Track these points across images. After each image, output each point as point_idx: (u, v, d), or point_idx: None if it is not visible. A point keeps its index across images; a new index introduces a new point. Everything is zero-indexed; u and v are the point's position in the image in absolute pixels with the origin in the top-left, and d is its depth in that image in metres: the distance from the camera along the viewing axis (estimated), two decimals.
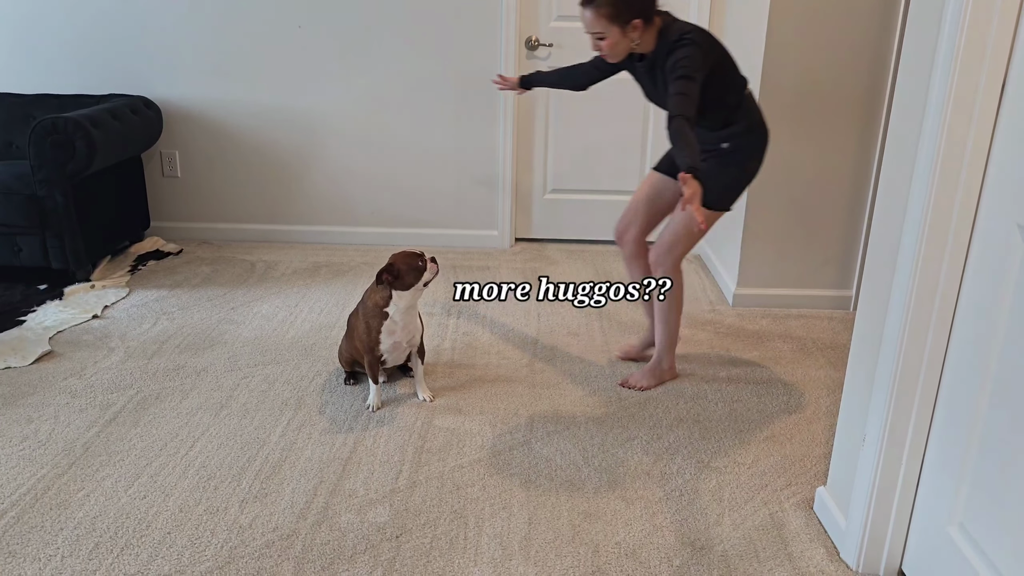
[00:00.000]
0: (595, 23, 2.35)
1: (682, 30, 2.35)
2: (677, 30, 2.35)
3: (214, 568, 1.89)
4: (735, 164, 2.54)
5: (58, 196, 3.40)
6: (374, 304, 2.53)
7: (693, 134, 2.17)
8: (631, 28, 2.34)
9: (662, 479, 2.24)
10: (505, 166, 4.06)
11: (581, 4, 2.36)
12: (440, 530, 2.03)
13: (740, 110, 2.50)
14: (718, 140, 2.52)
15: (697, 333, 3.17)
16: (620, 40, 2.38)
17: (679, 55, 2.29)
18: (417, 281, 2.49)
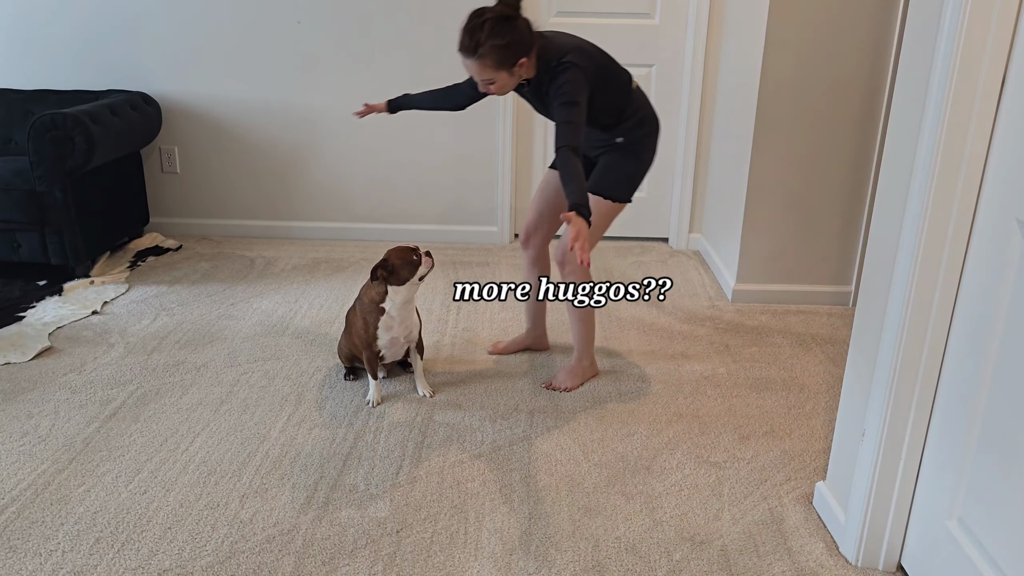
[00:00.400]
0: (482, 72, 2.34)
1: (560, 52, 2.35)
2: (556, 52, 2.35)
3: (215, 563, 1.90)
4: (632, 156, 2.57)
5: (57, 192, 3.40)
6: (370, 300, 2.54)
7: (580, 165, 2.22)
8: (518, 67, 2.34)
9: (661, 474, 2.24)
10: (504, 162, 4.06)
11: (462, 54, 2.32)
12: (440, 525, 2.03)
13: (629, 106, 2.53)
14: (612, 136, 2.56)
15: (696, 329, 3.18)
16: (508, 81, 2.37)
17: (561, 81, 2.30)
18: (412, 276, 2.49)
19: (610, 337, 3.10)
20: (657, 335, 3.11)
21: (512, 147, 4.03)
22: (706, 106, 3.92)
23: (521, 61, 2.32)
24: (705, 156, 4.00)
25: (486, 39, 2.26)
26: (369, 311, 2.54)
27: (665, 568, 1.89)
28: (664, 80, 3.96)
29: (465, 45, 2.29)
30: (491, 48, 2.26)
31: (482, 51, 2.27)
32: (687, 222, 4.10)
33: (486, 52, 2.27)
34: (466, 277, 3.71)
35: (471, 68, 2.34)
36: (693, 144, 3.97)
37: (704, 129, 3.96)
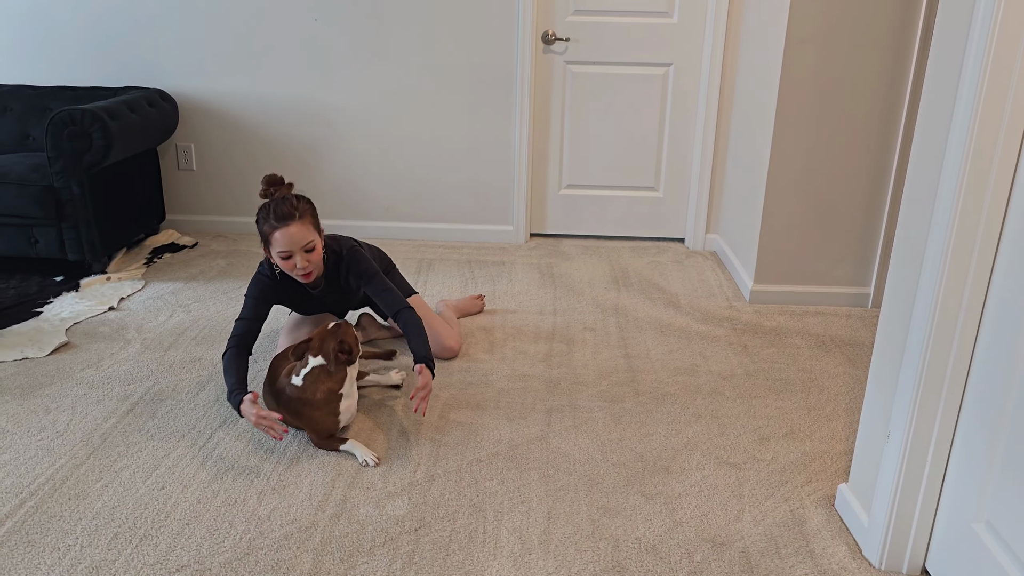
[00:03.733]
0: (306, 234, 2.43)
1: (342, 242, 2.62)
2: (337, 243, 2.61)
3: (233, 559, 1.89)
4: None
5: (74, 187, 3.40)
6: (327, 392, 2.25)
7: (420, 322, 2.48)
8: (321, 232, 2.51)
9: (681, 475, 2.23)
10: (520, 161, 4.04)
11: (280, 223, 2.39)
12: (459, 523, 2.02)
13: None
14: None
15: (714, 329, 3.16)
16: (319, 243, 2.48)
17: (361, 262, 2.58)
18: (359, 347, 2.34)
19: (628, 337, 3.08)
20: (675, 336, 3.10)
21: (528, 146, 4.02)
22: (724, 105, 3.90)
23: (320, 227, 2.51)
24: (722, 156, 3.98)
25: (300, 203, 2.44)
26: (326, 404, 2.26)
27: (686, 569, 1.87)
28: (682, 79, 3.94)
29: (285, 213, 2.40)
30: (305, 208, 2.44)
31: (300, 211, 2.42)
32: (704, 222, 4.08)
33: (304, 211, 2.43)
34: (481, 276, 3.70)
35: (296, 236, 2.40)
36: (711, 144, 3.94)
37: (722, 128, 3.93)
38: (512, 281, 3.64)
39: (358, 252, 2.60)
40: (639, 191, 4.14)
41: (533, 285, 3.60)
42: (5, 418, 2.48)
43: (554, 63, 3.96)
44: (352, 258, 2.58)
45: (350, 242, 2.64)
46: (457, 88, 3.97)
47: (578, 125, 4.04)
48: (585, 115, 4.02)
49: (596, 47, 3.93)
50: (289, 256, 2.42)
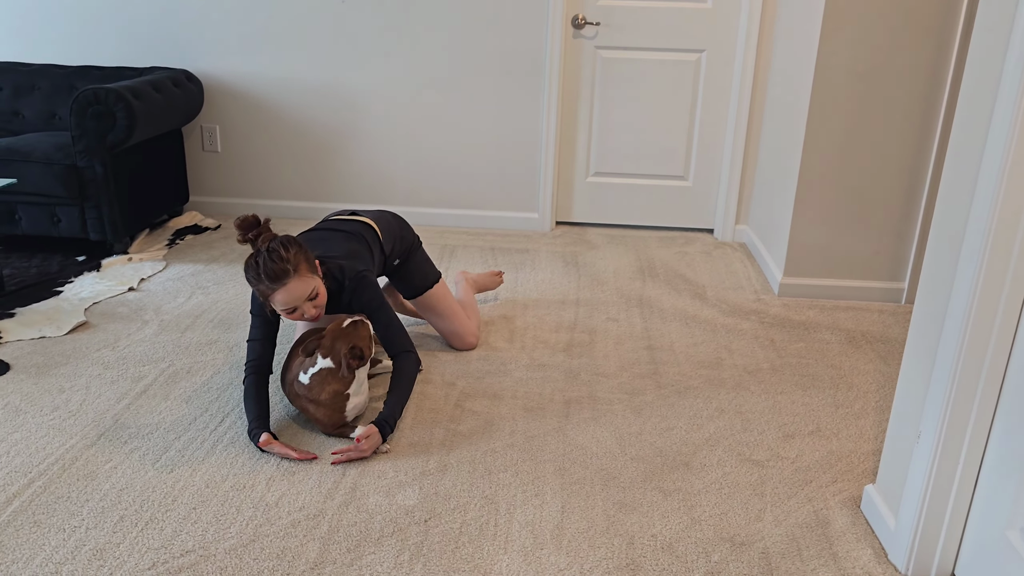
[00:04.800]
0: (305, 285, 2.19)
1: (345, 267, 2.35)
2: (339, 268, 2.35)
3: (238, 546, 1.85)
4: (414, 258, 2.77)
5: (97, 167, 3.39)
6: (333, 393, 2.20)
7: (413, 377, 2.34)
8: (317, 269, 2.27)
9: (701, 470, 2.15)
10: (547, 147, 3.97)
11: (277, 284, 2.15)
12: (470, 515, 1.97)
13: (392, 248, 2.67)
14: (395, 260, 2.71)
15: (741, 323, 3.07)
16: (321, 283, 2.26)
17: (365, 292, 2.35)
18: (373, 349, 2.25)
19: (651, 329, 3.00)
20: (700, 328, 3.01)
21: (556, 132, 3.95)
22: (757, 93, 3.80)
23: (315, 262, 2.27)
24: (754, 145, 3.87)
25: (287, 253, 2.17)
26: (333, 403, 2.22)
27: (703, 569, 1.80)
28: (715, 66, 3.84)
29: (278, 272, 2.15)
30: (296, 255, 2.18)
31: (293, 263, 2.17)
32: (734, 213, 3.98)
33: (298, 261, 2.18)
34: (505, 264, 3.64)
35: (296, 292, 2.17)
36: (742, 132, 3.84)
37: (754, 116, 3.83)
38: (535, 269, 3.58)
39: (364, 281, 2.34)
40: (668, 180, 4.05)
41: (557, 274, 3.53)
42: (19, 396, 2.47)
43: (584, 48, 3.88)
44: (358, 287, 2.34)
45: (358, 266, 2.36)
46: (485, 72, 3.91)
47: (607, 112, 3.95)
48: (614, 101, 3.94)
49: (627, 32, 3.84)
50: (294, 310, 2.21)
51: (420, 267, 2.75)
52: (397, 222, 2.72)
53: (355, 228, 2.55)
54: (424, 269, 2.76)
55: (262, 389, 2.29)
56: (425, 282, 2.75)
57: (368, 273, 2.37)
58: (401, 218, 2.77)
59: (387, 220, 2.68)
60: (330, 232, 2.52)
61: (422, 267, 2.76)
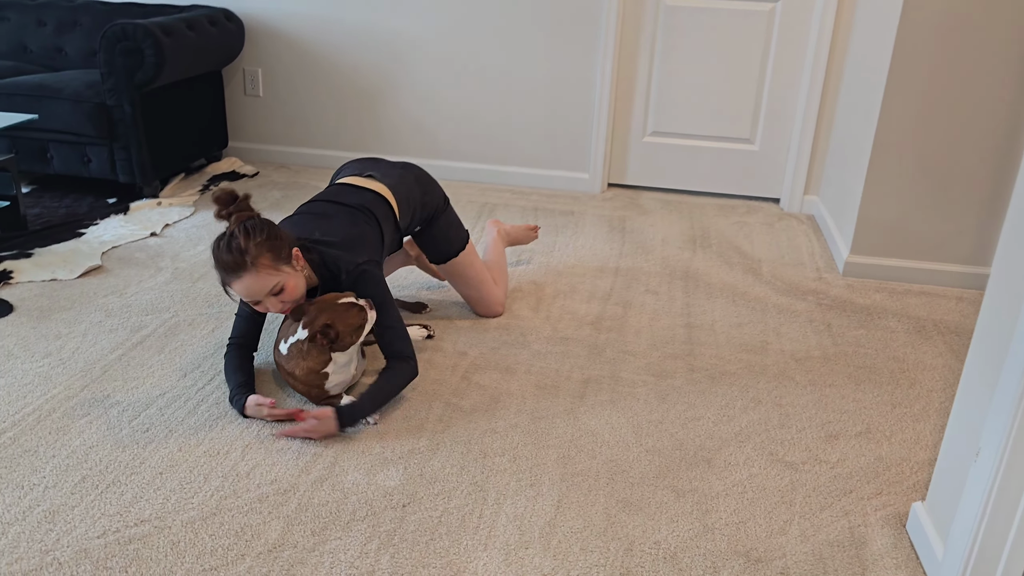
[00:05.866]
0: (267, 279, 1.94)
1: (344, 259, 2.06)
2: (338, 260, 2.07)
3: (197, 519, 1.70)
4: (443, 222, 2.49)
5: (126, 106, 3.27)
6: (307, 370, 2.01)
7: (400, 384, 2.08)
8: (295, 260, 2.00)
9: (724, 470, 1.90)
10: (602, 103, 3.68)
11: (230, 275, 1.94)
12: (454, 503, 1.76)
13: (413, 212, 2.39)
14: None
15: (795, 303, 2.76)
16: (294, 276, 1.99)
17: (369, 291, 2.06)
18: (358, 339, 2.01)
19: (693, 305, 2.73)
20: (748, 307, 2.72)
21: (612, 87, 3.65)
22: (836, 50, 3.42)
23: (294, 251, 2.00)
24: (830, 106, 3.50)
25: (248, 241, 1.92)
26: (307, 379, 2.03)
27: None
28: (791, 18, 3.47)
29: (232, 264, 1.92)
30: (259, 244, 1.92)
31: (252, 255, 1.91)
32: (803, 182, 3.63)
33: (258, 252, 1.92)
34: (545, 226, 3.39)
35: (253, 287, 1.94)
36: (818, 92, 3.47)
37: (832, 75, 3.45)
38: (577, 233, 3.32)
39: (364, 276, 2.06)
40: (732, 143, 3.72)
41: (599, 239, 3.27)
42: (14, 340, 2.37)
43: None
44: (357, 282, 2.06)
45: (357, 258, 2.07)
46: (537, 20, 3.63)
47: (668, 66, 3.64)
48: (677, 55, 3.61)
49: None
50: (256, 302, 2.00)
51: (444, 233, 2.47)
52: (420, 187, 2.39)
53: (364, 201, 2.22)
54: (449, 235, 2.47)
55: (246, 361, 2.13)
56: (450, 249, 2.48)
57: (368, 266, 2.07)
58: (426, 178, 2.45)
59: (407, 186, 2.35)
60: (333, 206, 2.20)
61: (446, 233, 2.47)
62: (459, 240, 2.49)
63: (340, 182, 2.32)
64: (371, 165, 2.41)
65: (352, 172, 2.38)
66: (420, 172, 2.45)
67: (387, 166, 2.41)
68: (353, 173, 2.37)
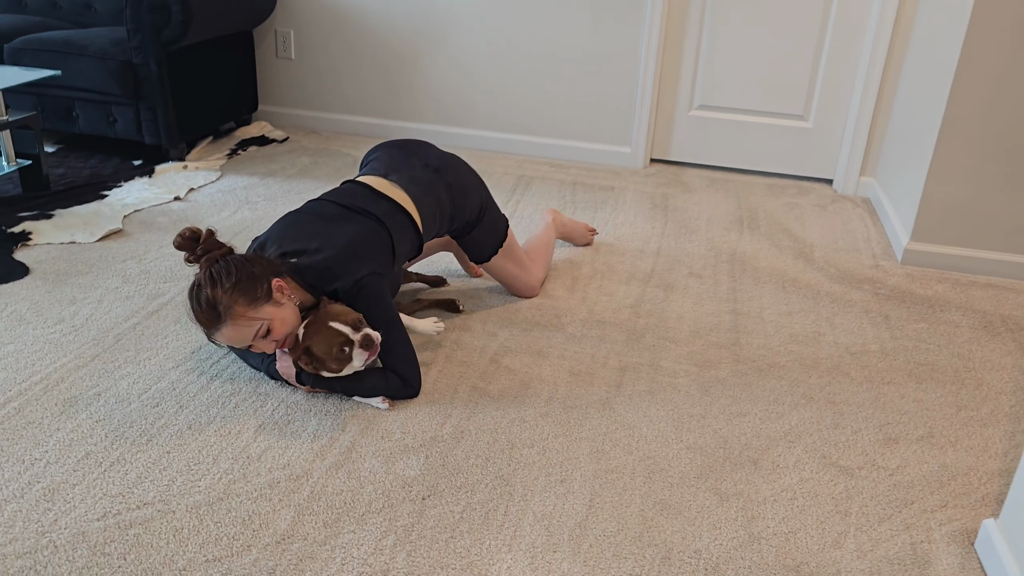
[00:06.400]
0: (248, 325, 1.77)
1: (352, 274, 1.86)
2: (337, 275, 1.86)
3: (203, 503, 1.59)
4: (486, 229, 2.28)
5: (152, 65, 3.16)
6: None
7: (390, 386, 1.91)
8: (278, 292, 1.80)
9: (772, 472, 1.74)
10: (646, 74, 3.50)
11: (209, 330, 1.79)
12: (477, 498, 1.63)
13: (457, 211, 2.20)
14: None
15: (850, 291, 2.58)
16: (280, 311, 1.80)
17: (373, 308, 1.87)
18: (342, 367, 1.81)
19: (740, 290, 2.56)
20: (799, 294, 2.55)
21: (657, 56, 3.46)
22: (902, 21, 3.19)
23: (276, 283, 1.81)
24: (891, 82, 3.28)
25: (215, 291, 1.75)
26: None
27: None
28: None
29: (205, 319, 1.77)
30: (230, 292, 1.75)
31: (224, 304, 1.75)
32: (859, 162, 3.42)
33: (230, 301, 1.75)
34: (584, 202, 3.23)
35: (235, 338, 1.80)
36: (879, 66, 3.25)
37: (896, 49, 3.23)
38: (617, 210, 3.16)
39: (363, 292, 1.86)
40: (784, 119, 3.51)
41: (641, 217, 3.10)
42: (28, 305, 2.28)
43: None
44: (356, 298, 1.86)
45: (356, 273, 1.85)
46: None
47: (719, 35, 3.43)
48: (728, 23, 3.41)
49: None
50: (250, 347, 1.85)
51: (477, 242, 2.26)
52: (451, 199, 2.14)
53: (378, 210, 1.98)
54: (482, 244, 2.27)
55: None
56: (481, 256, 2.30)
57: (368, 280, 1.86)
58: (464, 186, 2.17)
59: (436, 199, 2.10)
60: (340, 210, 1.97)
61: (479, 241, 2.26)
62: (493, 245, 2.29)
63: (359, 181, 2.10)
64: (401, 162, 2.15)
65: (377, 170, 2.14)
66: (457, 179, 2.17)
67: (419, 168, 2.13)
68: (377, 172, 2.13)
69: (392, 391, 1.90)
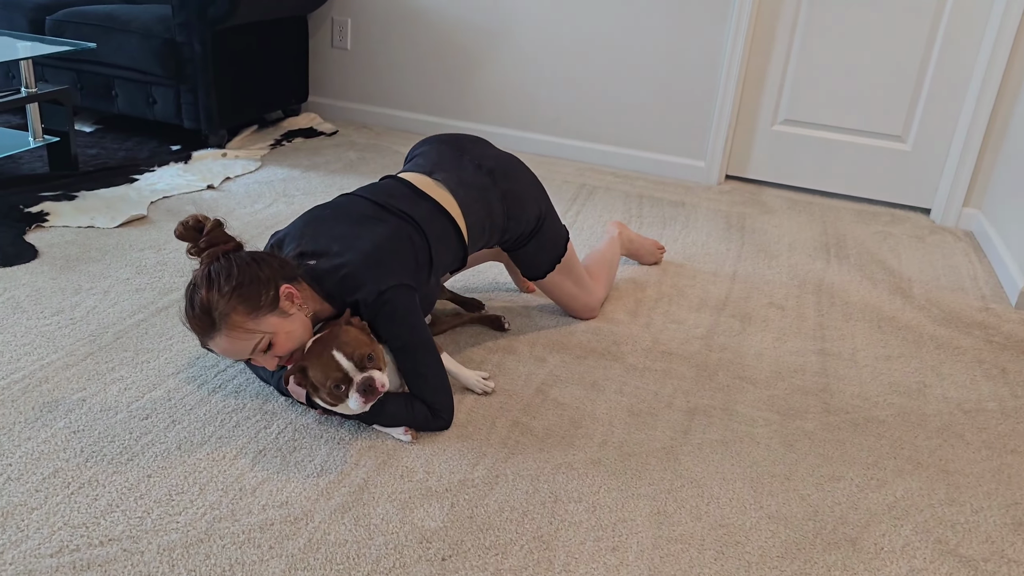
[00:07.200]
0: (245, 338, 1.51)
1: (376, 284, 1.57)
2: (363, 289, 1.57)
3: (178, 544, 1.32)
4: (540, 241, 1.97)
5: (196, 44, 2.95)
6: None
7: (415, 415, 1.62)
8: (285, 300, 1.53)
9: (876, 558, 1.41)
10: (727, 83, 3.17)
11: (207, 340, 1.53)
12: (508, 563, 1.33)
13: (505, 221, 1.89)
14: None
15: (958, 337, 2.22)
16: (286, 323, 1.54)
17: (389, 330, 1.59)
18: (338, 402, 1.52)
19: (829, 326, 2.22)
20: (898, 336, 2.20)
21: (741, 64, 3.14)
22: (1022, 37, 2.82)
23: (285, 289, 1.54)
24: (1008, 106, 2.90)
25: (211, 294, 1.49)
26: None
27: None
28: None
29: (198, 325, 1.51)
30: (228, 297, 1.49)
31: (220, 311, 1.49)
32: (963, 191, 3.04)
33: (227, 308, 1.49)
34: (651, 217, 2.92)
35: (229, 350, 1.53)
36: (993, 86, 2.88)
37: (1014, 67, 2.85)
38: (688, 228, 2.84)
39: (388, 308, 1.57)
40: (879, 139, 3.16)
41: (714, 237, 2.78)
42: (27, 291, 2.05)
43: None
44: (378, 315, 1.58)
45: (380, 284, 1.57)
46: None
47: (811, 43, 3.10)
48: (823, 31, 3.07)
49: None
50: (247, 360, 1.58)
51: (532, 256, 1.97)
52: (505, 208, 1.85)
53: (417, 214, 1.71)
54: (537, 259, 1.98)
55: None
56: (536, 272, 2.01)
57: (393, 294, 1.57)
58: (520, 193, 1.88)
59: (486, 206, 1.82)
60: (375, 208, 1.70)
61: (534, 256, 1.97)
62: (550, 261, 1.99)
63: (399, 177, 1.82)
64: (451, 160, 1.86)
65: (422, 166, 1.86)
66: (513, 186, 1.88)
67: (471, 170, 1.85)
68: (422, 169, 1.84)
69: (418, 422, 1.61)
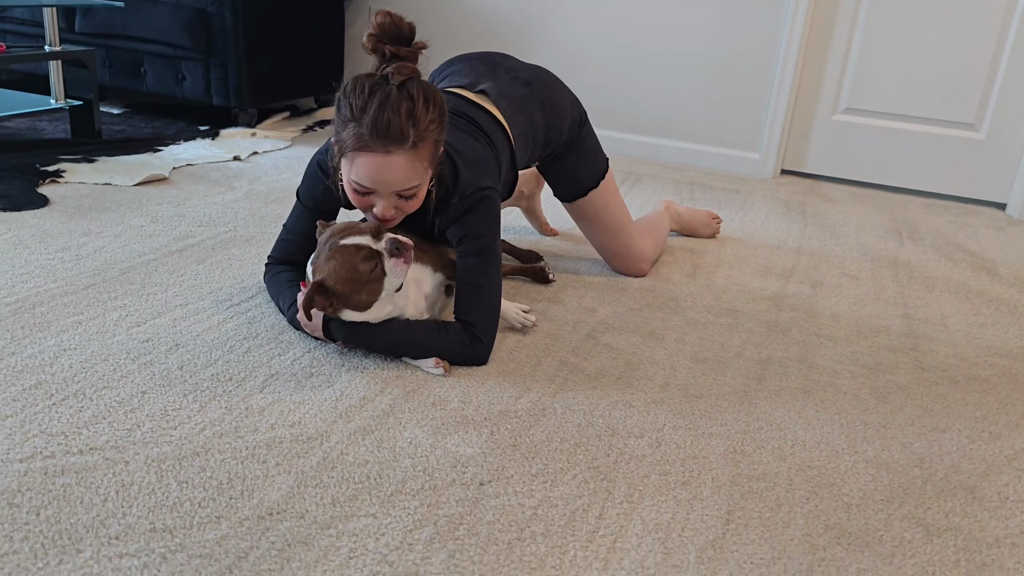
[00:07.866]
0: (411, 172, 1.35)
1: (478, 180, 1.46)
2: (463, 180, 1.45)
3: (169, 456, 1.11)
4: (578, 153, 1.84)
5: (228, 15, 2.84)
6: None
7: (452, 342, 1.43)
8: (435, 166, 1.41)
9: (1000, 506, 1.16)
10: (784, 71, 3.00)
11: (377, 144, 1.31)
12: (559, 491, 1.11)
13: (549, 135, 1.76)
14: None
15: None
16: (423, 192, 1.41)
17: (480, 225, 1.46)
18: (377, 294, 1.34)
19: (910, 295, 1.99)
20: (990, 306, 1.96)
21: (799, 52, 2.96)
22: None
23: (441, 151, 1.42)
24: None
25: (419, 112, 1.32)
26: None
27: None
28: None
29: (393, 131, 1.30)
30: (429, 127, 1.34)
31: (420, 131, 1.32)
32: None
33: (425, 133, 1.33)
34: (708, 200, 2.71)
35: (392, 173, 1.34)
36: None
37: None
38: (745, 209, 2.63)
39: (484, 203, 1.46)
40: (950, 128, 2.95)
41: (774, 217, 2.57)
42: (32, 231, 1.89)
43: None
44: (471, 209, 1.45)
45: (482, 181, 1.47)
46: None
47: (876, 25, 2.92)
48: (888, 15, 2.89)
49: None
50: (369, 193, 1.38)
51: (572, 170, 1.82)
52: (544, 117, 1.72)
53: (480, 121, 1.59)
54: (577, 173, 1.83)
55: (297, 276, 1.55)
56: (577, 188, 1.84)
57: (490, 192, 1.47)
58: (556, 101, 1.75)
59: (528, 116, 1.68)
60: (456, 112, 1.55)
61: (574, 170, 1.82)
62: (592, 176, 1.83)
63: (451, 91, 1.67)
64: (486, 73, 1.73)
65: (459, 82, 1.72)
66: (551, 94, 1.76)
67: (508, 81, 1.71)
68: (461, 84, 1.70)
69: (454, 350, 1.40)
